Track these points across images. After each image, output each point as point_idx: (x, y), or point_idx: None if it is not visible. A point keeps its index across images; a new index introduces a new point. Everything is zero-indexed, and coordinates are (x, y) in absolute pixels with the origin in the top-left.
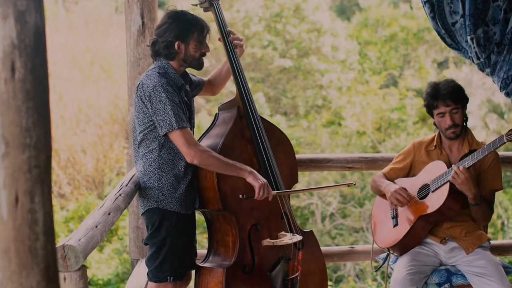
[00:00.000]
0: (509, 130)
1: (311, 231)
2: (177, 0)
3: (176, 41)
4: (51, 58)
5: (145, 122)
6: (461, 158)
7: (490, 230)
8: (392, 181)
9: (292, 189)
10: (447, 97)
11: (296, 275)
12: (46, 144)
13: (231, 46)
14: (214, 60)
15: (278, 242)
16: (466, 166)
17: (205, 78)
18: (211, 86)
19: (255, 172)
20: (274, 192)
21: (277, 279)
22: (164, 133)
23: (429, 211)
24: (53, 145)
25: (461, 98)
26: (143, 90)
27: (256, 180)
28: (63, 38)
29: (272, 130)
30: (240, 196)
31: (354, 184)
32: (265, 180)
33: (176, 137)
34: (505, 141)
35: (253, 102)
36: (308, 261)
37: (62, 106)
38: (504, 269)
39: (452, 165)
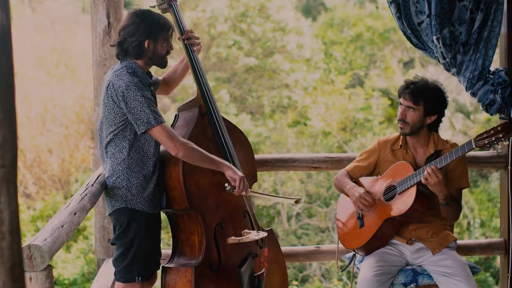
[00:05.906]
0: (478, 136)
1: (271, 229)
2: (139, 0)
3: (146, 40)
4: (17, 58)
5: (116, 122)
6: (427, 159)
7: (456, 230)
8: (356, 179)
9: (254, 190)
10: (408, 92)
11: (262, 271)
12: (12, 144)
13: (190, 45)
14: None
15: (244, 239)
16: (439, 167)
17: (160, 77)
18: (166, 85)
19: (233, 166)
20: (249, 191)
21: (245, 275)
22: (143, 131)
23: (396, 213)
24: (19, 145)
25: (424, 101)
26: (115, 90)
27: (235, 173)
28: (29, 38)
29: (233, 129)
30: (226, 185)
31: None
32: (243, 174)
33: (158, 133)
34: (474, 147)
35: (214, 100)
36: (269, 260)
37: (28, 106)
38: (470, 269)
39: (423, 167)
